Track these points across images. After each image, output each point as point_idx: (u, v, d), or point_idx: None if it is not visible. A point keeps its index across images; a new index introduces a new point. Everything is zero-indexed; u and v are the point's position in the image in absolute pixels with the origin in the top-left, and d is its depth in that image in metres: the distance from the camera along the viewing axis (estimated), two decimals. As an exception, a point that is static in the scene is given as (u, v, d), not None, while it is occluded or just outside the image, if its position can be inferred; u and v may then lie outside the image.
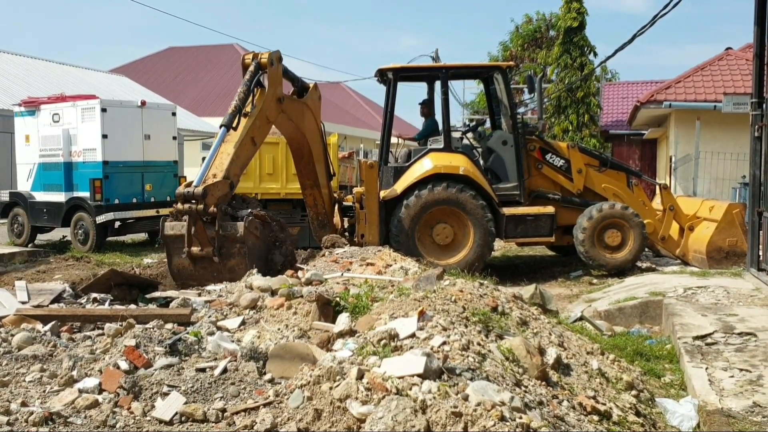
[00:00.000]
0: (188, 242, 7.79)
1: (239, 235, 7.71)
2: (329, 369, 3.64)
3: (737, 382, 5.00)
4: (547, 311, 6.66)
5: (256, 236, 7.95)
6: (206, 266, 7.87)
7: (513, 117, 11.18)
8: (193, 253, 7.82)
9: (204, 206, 7.62)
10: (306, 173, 10.59)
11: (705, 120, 15.83)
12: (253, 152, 9.14)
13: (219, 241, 7.73)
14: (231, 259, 7.82)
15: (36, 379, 4.49)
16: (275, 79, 9.17)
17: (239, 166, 8.55)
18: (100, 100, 14.46)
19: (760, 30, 8.88)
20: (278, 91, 9.30)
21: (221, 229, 7.71)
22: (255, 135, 8.90)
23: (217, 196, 7.85)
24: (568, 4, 24.21)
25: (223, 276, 7.71)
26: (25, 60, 28.06)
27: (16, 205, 15.37)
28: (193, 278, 7.95)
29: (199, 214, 7.63)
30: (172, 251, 8.01)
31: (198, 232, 7.74)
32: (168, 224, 8.03)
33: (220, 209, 7.78)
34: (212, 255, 7.72)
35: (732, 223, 10.30)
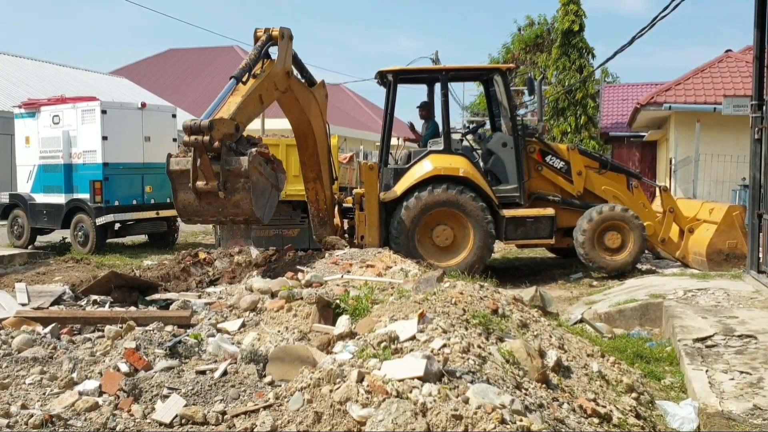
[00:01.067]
0: (193, 177, 7.77)
1: (243, 169, 7.67)
2: (329, 371, 3.64)
3: (737, 384, 5.00)
4: (547, 313, 6.67)
5: (260, 173, 7.95)
6: (211, 202, 7.89)
7: (513, 119, 11.18)
8: (199, 187, 7.79)
9: (210, 139, 7.56)
10: (310, 165, 10.53)
11: (705, 122, 15.83)
12: (260, 110, 9.04)
13: (224, 176, 7.68)
14: (236, 194, 7.82)
15: (36, 381, 4.49)
16: (285, 52, 9.16)
17: (245, 116, 8.43)
18: (100, 101, 14.47)
19: (759, 32, 8.89)
20: (287, 64, 9.27)
21: (226, 163, 7.68)
22: (263, 93, 8.80)
23: (223, 132, 7.77)
24: (565, 7, 24.22)
25: (227, 211, 7.80)
26: (25, 62, 28.08)
27: (16, 206, 15.38)
28: (199, 214, 8.05)
29: (205, 146, 7.59)
30: (178, 187, 8.00)
31: (203, 165, 7.70)
32: (173, 160, 8.02)
33: (224, 145, 7.73)
34: (217, 189, 7.69)
35: (732, 226, 10.30)
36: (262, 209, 8.10)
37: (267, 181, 8.15)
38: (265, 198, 8.14)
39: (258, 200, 7.88)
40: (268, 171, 8.16)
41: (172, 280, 8.47)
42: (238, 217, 8.04)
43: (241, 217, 8.07)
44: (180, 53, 46.37)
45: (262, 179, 8.06)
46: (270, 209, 8.39)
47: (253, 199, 7.76)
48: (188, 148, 7.81)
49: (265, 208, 8.21)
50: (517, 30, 33.59)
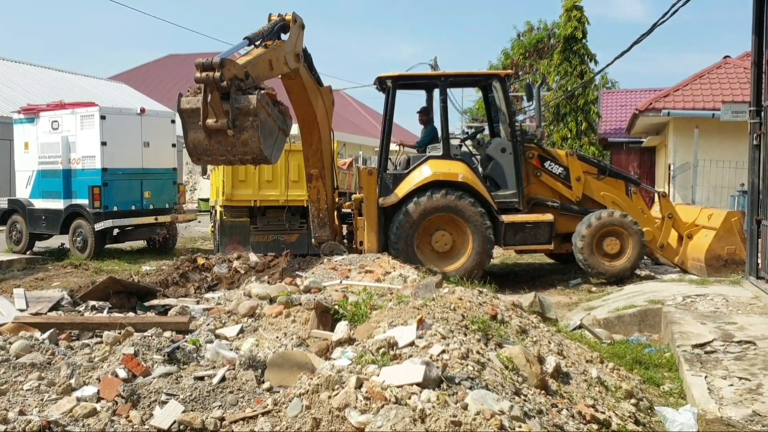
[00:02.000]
0: (204, 114, 7.87)
1: (252, 107, 7.80)
2: (328, 377, 3.63)
3: (736, 390, 4.99)
4: (546, 319, 6.66)
5: (268, 113, 8.08)
6: (221, 140, 7.99)
7: (512, 125, 11.19)
8: (208, 125, 7.89)
9: (221, 75, 7.66)
10: (313, 162, 10.59)
11: (703, 128, 15.85)
12: (268, 75, 9.02)
13: (233, 114, 7.78)
14: (244, 132, 7.92)
15: (34, 387, 4.48)
16: (297, 35, 9.36)
17: (255, 72, 8.46)
18: (99, 107, 14.48)
19: (757, 38, 8.90)
20: (297, 47, 9.44)
21: (235, 101, 7.79)
22: (273, 60, 8.90)
23: (233, 73, 7.89)
24: (569, 13, 24.25)
25: (236, 150, 7.93)
26: (24, 67, 28.11)
27: (14, 212, 15.38)
28: (208, 153, 8.15)
29: (216, 82, 7.68)
30: (188, 126, 8.08)
31: (213, 102, 7.80)
32: (184, 99, 8.10)
33: (234, 84, 7.84)
34: (226, 127, 7.80)
35: (731, 231, 10.30)
36: (270, 149, 8.21)
37: (274, 122, 8.27)
38: (273, 139, 8.26)
39: (266, 140, 8.02)
40: (275, 113, 8.27)
41: (171, 286, 8.47)
42: (246, 156, 8.13)
43: (249, 156, 8.14)
44: (179, 59, 46.40)
45: (270, 120, 8.16)
46: (277, 152, 8.49)
47: (261, 137, 7.90)
48: (199, 86, 7.92)
49: (273, 149, 8.30)
50: (517, 36, 33.63)
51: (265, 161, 8.41)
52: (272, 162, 8.59)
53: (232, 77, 7.83)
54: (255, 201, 13.61)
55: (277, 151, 8.55)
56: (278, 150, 8.57)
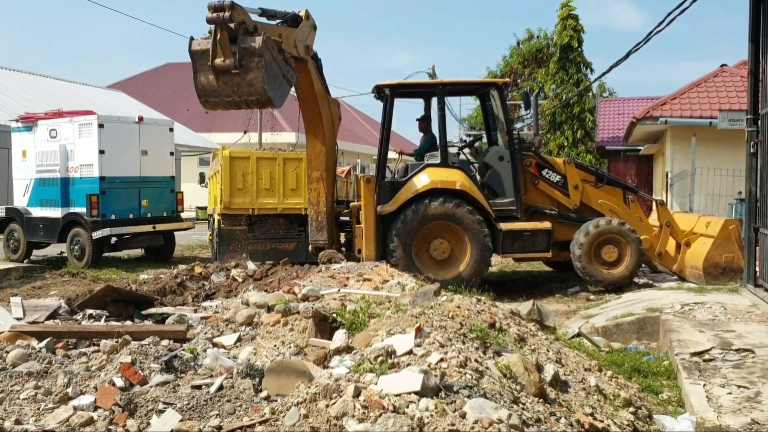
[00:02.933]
0: (213, 54, 8.35)
1: (258, 47, 8.27)
2: (326, 386, 3.62)
3: (735, 398, 4.98)
4: (544, 327, 6.65)
5: (273, 57, 8.52)
6: (228, 81, 8.48)
7: (509, 133, 11.21)
8: (217, 64, 8.37)
9: (230, 16, 8.21)
10: (316, 164, 10.77)
11: (701, 136, 15.88)
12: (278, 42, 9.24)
13: (239, 54, 8.27)
14: (250, 72, 8.40)
15: (30, 396, 4.46)
16: (309, 29, 9.94)
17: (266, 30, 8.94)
18: (97, 115, 14.49)
19: (754, 47, 8.93)
20: (308, 40, 9.92)
21: (242, 42, 8.26)
22: (283, 35, 9.39)
23: (242, 18, 8.45)
24: (564, 22, 24.34)
25: (242, 90, 8.45)
26: (22, 76, 28.13)
27: (12, 220, 15.35)
28: (216, 95, 8.64)
29: (225, 21, 8.22)
30: (198, 67, 8.59)
31: (222, 40, 8.28)
32: (195, 41, 8.58)
33: (242, 27, 8.36)
34: (233, 66, 8.29)
35: (728, 239, 10.31)
36: (274, 92, 8.66)
37: (279, 68, 8.70)
38: (277, 83, 8.69)
39: (270, 81, 8.46)
40: (280, 59, 8.71)
41: (169, 294, 8.46)
42: (251, 97, 8.60)
43: (254, 97, 8.62)
44: (177, 67, 46.43)
45: (275, 64, 8.61)
46: (281, 97, 8.90)
47: (265, 78, 8.36)
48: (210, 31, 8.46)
49: (277, 93, 8.72)
50: (516, 44, 33.71)
51: (269, 102, 8.81)
52: (276, 104, 8.99)
53: (241, 21, 8.37)
54: (253, 209, 13.61)
55: (281, 97, 8.92)
56: (282, 95, 8.94)
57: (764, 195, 8.63)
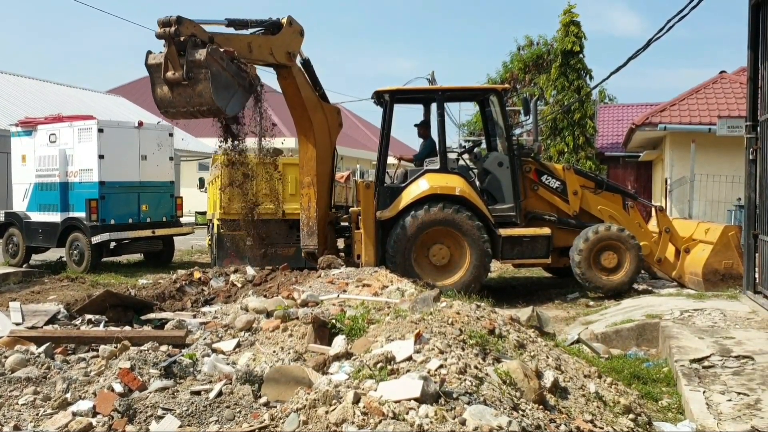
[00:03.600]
0: (164, 67, 8.59)
1: (203, 59, 8.46)
2: (325, 393, 3.61)
3: (735, 405, 4.97)
4: (544, 334, 6.64)
5: (222, 67, 8.69)
6: (181, 92, 8.68)
7: (508, 139, 11.21)
8: (168, 77, 8.61)
9: (176, 30, 8.44)
10: (307, 169, 10.87)
11: (700, 142, 15.90)
12: (246, 56, 9.52)
13: (187, 66, 8.48)
14: (198, 84, 8.58)
15: (29, 401, 4.45)
16: (289, 35, 10.06)
17: (227, 42, 9.21)
18: (97, 120, 14.50)
19: (753, 54, 8.94)
20: (290, 47, 10.08)
21: (189, 54, 8.50)
22: (253, 44, 9.66)
23: (192, 31, 8.64)
24: (566, 28, 24.37)
25: (194, 101, 8.65)
26: (22, 80, 28.15)
27: (11, 225, 15.35)
28: (173, 105, 8.84)
29: (172, 36, 8.45)
30: (155, 80, 8.83)
31: (170, 54, 8.55)
32: (151, 55, 8.85)
33: (191, 39, 8.56)
34: (182, 78, 8.51)
35: (728, 246, 10.31)
36: (225, 101, 8.82)
37: (231, 77, 8.88)
38: (229, 93, 8.88)
39: (219, 91, 8.65)
40: (232, 68, 8.88)
41: (168, 300, 8.45)
42: (203, 107, 8.75)
43: (205, 107, 8.77)
44: (177, 72, 46.40)
45: (226, 73, 8.80)
46: (234, 105, 9.08)
47: (212, 88, 8.53)
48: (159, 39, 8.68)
49: (229, 102, 8.91)
50: (517, 49, 33.75)
51: (219, 112, 9.00)
52: (227, 113, 9.15)
53: (191, 34, 8.59)
54: (252, 215, 13.58)
55: (235, 105, 9.13)
56: (236, 103, 9.14)
57: (763, 201, 8.64)
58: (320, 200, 10.89)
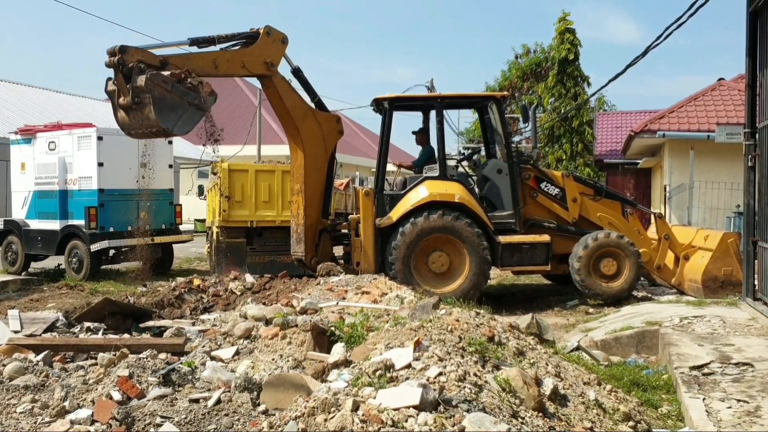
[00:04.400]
0: (117, 94, 9.03)
1: (143, 85, 8.79)
2: (324, 400, 3.61)
3: (735, 413, 4.96)
4: (543, 341, 6.62)
5: (166, 89, 8.96)
6: (134, 116, 9.04)
7: (507, 146, 11.22)
8: (120, 103, 9.05)
9: (120, 59, 8.83)
10: (297, 176, 11.01)
11: (699, 149, 15.92)
12: (210, 71, 9.81)
13: (133, 92, 8.84)
14: (144, 107, 8.89)
15: (27, 409, 4.44)
16: (265, 44, 10.23)
17: (191, 65, 9.51)
18: (96, 128, 14.52)
19: (751, 61, 8.97)
20: (267, 56, 10.25)
21: (133, 81, 8.84)
22: (218, 60, 9.91)
23: (138, 59, 8.98)
24: (561, 35, 24.43)
25: (144, 123, 9.03)
26: (21, 88, 28.18)
27: (10, 232, 15.34)
28: (132, 127, 9.23)
29: (116, 65, 8.89)
30: (114, 105, 9.25)
31: (118, 82, 8.99)
32: (110, 82, 9.20)
33: (137, 66, 8.89)
34: (131, 104, 8.89)
35: (727, 253, 10.31)
36: (171, 122, 9.09)
37: (179, 98, 9.10)
38: (177, 113, 9.12)
39: (164, 114, 8.94)
40: (179, 89, 9.11)
41: (166, 307, 8.44)
42: (152, 129, 9.14)
43: (154, 129, 9.15)
44: (176, 80, 46.50)
45: (171, 95, 9.04)
46: (183, 125, 9.28)
47: (156, 111, 8.83)
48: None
49: (176, 122, 9.15)
50: (515, 57, 33.81)
51: (165, 133, 9.42)
52: (176, 133, 9.54)
53: (137, 61, 8.95)
54: (251, 221, 13.61)
55: (185, 124, 9.30)
56: (186, 123, 9.31)
57: (762, 208, 8.64)
58: (309, 207, 10.94)
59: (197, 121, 9.54)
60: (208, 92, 9.42)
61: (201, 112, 9.45)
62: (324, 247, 11.27)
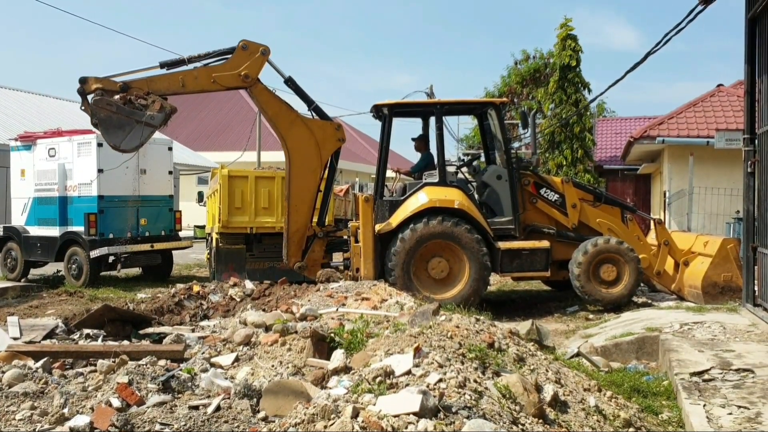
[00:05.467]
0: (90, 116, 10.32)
1: (90, 109, 10.22)
2: (324, 407, 3.60)
3: (735, 419, 4.96)
4: (543, 347, 6.63)
5: (111, 111, 10.16)
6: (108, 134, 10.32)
7: (507, 152, 11.23)
8: (92, 122, 10.36)
9: (81, 88, 10.26)
10: (286, 182, 11.40)
11: (698, 155, 15.94)
12: (177, 90, 10.65)
13: (90, 115, 10.26)
14: (99, 127, 10.32)
15: (26, 417, 4.43)
16: (240, 59, 10.69)
17: (154, 86, 10.43)
18: (96, 134, 14.48)
19: (750, 67, 8.98)
20: (242, 69, 10.70)
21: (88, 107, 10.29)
22: (186, 79, 10.59)
23: (96, 87, 10.22)
24: (563, 42, 24.48)
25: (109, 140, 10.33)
26: (21, 95, 28.19)
27: (9, 239, 15.33)
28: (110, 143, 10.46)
29: (80, 93, 10.31)
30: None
31: (85, 107, 10.37)
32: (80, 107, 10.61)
33: (97, 93, 10.18)
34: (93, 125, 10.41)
35: (726, 258, 10.30)
36: (117, 139, 10.28)
37: (126, 117, 10.18)
38: (124, 131, 10.25)
39: (110, 132, 10.24)
40: (125, 110, 10.17)
41: (166, 314, 8.44)
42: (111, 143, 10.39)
43: (112, 143, 10.39)
44: (176, 86, 46.52)
45: (116, 116, 10.18)
46: (132, 140, 10.35)
47: (102, 130, 10.33)
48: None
49: (123, 139, 10.29)
50: (514, 63, 33.88)
51: (116, 149, 10.56)
52: (123, 149, 10.59)
53: (95, 89, 10.21)
54: (251, 228, 13.60)
55: (132, 139, 10.33)
56: (134, 139, 10.32)
57: (762, 214, 8.64)
58: (294, 213, 11.22)
59: (147, 136, 10.44)
60: (157, 109, 10.24)
61: (151, 127, 10.30)
62: (313, 253, 11.33)
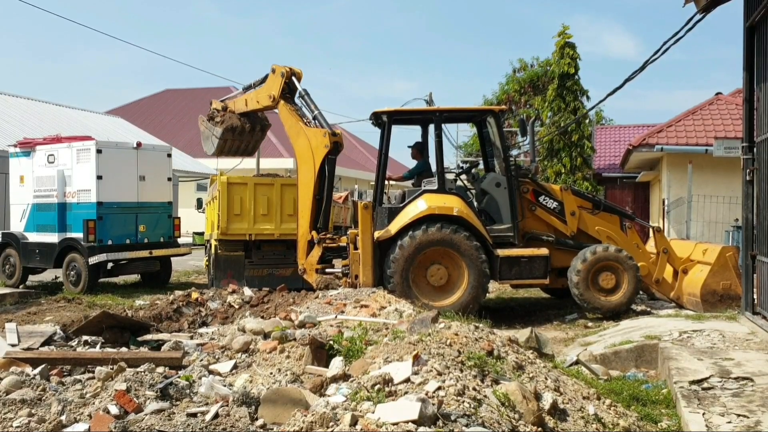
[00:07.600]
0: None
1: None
2: (322, 415, 3.59)
3: (735, 427, 4.94)
4: (542, 355, 6.61)
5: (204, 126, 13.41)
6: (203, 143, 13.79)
7: (506, 159, 11.24)
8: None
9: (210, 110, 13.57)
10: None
11: (697, 163, 15.96)
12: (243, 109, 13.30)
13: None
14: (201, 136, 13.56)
15: (24, 424, 4.41)
16: (272, 82, 12.43)
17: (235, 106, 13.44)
18: (95, 141, 14.53)
19: (748, 75, 9.00)
20: (270, 90, 12.39)
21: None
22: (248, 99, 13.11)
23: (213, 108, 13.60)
24: (561, 50, 24.53)
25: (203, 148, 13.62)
26: (21, 101, 28.21)
27: (8, 245, 15.31)
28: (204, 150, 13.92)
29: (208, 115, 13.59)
30: None
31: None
32: None
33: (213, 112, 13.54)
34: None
35: (725, 266, 10.30)
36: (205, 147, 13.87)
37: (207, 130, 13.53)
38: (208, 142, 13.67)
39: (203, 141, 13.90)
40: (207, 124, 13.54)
41: (164, 321, 8.43)
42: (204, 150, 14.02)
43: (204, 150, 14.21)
44: (176, 93, 46.72)
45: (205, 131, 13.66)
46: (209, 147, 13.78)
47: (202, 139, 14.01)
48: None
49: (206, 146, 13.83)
50: (512, 72, 33.94)
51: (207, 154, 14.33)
52: (208, 153, 14.09)
53: (212, 111, 13.51)
54: (250, 235, 13.59)
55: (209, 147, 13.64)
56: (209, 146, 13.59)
57: (761, 222, 8.64)
58: (301, 219, 11.88)
59: (217, 144, 13.25)
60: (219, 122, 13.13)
61: (222, 138, 13.11)
62: (311, 257, 11.39)
